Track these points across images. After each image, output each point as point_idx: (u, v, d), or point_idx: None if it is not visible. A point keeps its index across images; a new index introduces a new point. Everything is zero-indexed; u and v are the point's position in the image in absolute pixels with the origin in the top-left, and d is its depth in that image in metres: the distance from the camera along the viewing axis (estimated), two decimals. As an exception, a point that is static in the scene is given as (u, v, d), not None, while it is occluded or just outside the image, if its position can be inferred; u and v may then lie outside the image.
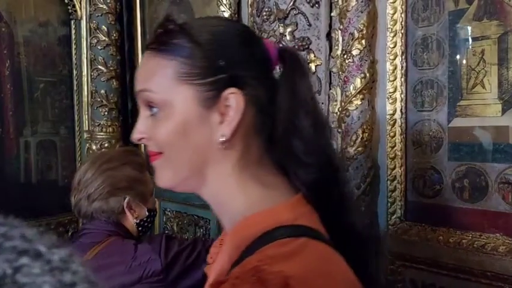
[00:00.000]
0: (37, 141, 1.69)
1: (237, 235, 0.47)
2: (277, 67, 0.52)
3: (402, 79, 1.06)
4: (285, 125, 0.48)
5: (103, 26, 1.77)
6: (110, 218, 1.02)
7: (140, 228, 1.07)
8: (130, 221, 1.04)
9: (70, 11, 1.79)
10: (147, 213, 1.07)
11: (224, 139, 0.47)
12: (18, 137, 1.64)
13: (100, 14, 1.77)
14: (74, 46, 1.80)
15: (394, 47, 1.07)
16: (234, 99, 0.46)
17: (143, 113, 0.50)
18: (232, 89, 0.46)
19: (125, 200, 1.02)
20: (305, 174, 0.48)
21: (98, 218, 1.02)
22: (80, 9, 1.80)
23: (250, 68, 0.48)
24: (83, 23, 1.81)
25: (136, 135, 0.51)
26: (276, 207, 0.46)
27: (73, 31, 1.80)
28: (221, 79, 0.47)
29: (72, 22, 1.80)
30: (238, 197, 0.48)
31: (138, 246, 0.98)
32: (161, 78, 0.48)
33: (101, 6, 1.77)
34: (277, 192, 0.48)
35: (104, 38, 1.76)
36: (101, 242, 0.98)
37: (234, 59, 0.48)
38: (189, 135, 0.47)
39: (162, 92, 0.47)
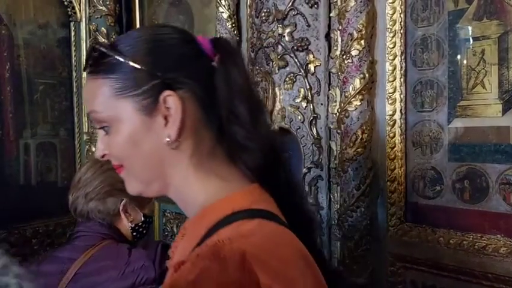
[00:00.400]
0: (37, 143, 1.69)
1: (196, 224, 0.50)
2: (216, 59, 0.53)
3: (402, 79, 1.06)
4: (224, 113, 0.50)
5: (102, 28, 1.77)
6: (104, 220, 1.01)
7: (134, 234, 1.06)
8: (125, 224, 1.04)
9: (70, 13, 1.79)
10: (143, 219, 1.06)
11: (170, 139, 0.49)
12: (18, 139, 1.64)
13: (99, 16, 1.77)
14: (73, 48, 1.80)
15: (393, 47, 1.06)
16: (171, 101, 0.49)
17: (100, 132, 0.54)
18: (167, 92, 0.49)
19: (122, 202, 1.01)
20: (250, 159, 0.51)
21: (93, 219, 1.01)
22: (80, 11, 1.80)
23: (182, 68, 0.50)
24: (83, 25, 1.81)
25: (98, 153, 0.54)
26: (232, 195, 0.50)
27: (73, 33, 1.80)
28: (155, 85, 0.49)
29: (71, 24, 1.80)
30: (197, 191, 0.51)
31: (132, 251, 0.97)
32: (101, 98, 0.51)
33: (101, 8, 1.77)
34: (233, 183, 0.51)
35: (103, 39, 1.76)
36: (95, 245, 0.98)
37: (164, 64, 0.50)
38: (139, 144, 0.50)
39: (105, 110, 0.51)
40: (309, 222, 0.56)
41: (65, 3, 1.77)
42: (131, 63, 0.49)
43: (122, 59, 0.49)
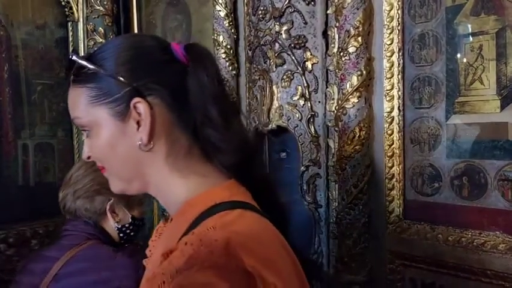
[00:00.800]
0: (35, 143, 1.69)
1: (180, 217, 0.54)
2: (188, 65, 0.56)
3: (400, 76, 1.05)
4: (198, 117, 0.54)
5: (100, 28, 1.77)
6: (90, 219, 1.00)
7: (121, 235, 1.04)
8: (111, 224, 1.02)
9: (67, 13, 1.78)
10: (130, 220, 1.04)
11: (142, 142, 0.53)
12: (16, 140, 1.64)
13: (96, 16, 1.77)
14: (71, 48, 1.80)
15: (391, 44, 1.06)
16: (140, 107, 0.53)
17: (85, 136, 0.59)
18: (136, 99, 0.53)
19: (109, 202, 1.00)
20: (224, 159, 0.54)
21: (79, 217, 1.01)
22: (77, 11, 1.79)
23: (153, 75, 0.54)
24: (80, 25, 1.81)
25: (83, 155, 0.59)
26: (213, 189, 0.54)
27: (70, 33, 1.80)
28: (126, 92, 0.53)
29: (69, 24, 1.80)
30: (178, 188, 0.55)
31: (118, 256, 0.95)
32: (80, 106, 0.55)
33: (98, 8, 1.77)
34: (211, 179, 0.55)
35: (101, 39, 1.76)
36: (79, 245, 0.96)
37: (135, 72, 0.54)
38: (116, 147, 0.55)
39: (85, 116, 0.55)
40: (282, 214, 0.59)
41: (63, 3, 1.77)
42: (105, 73, 0.53)
43: (96, 70, 0.54)
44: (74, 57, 0.55)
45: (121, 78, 0.53)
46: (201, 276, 0.38)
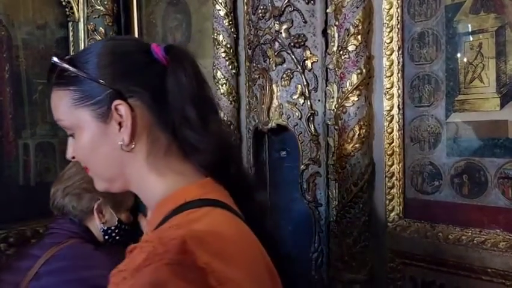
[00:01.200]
0: (36, 143, 1.69)
1: (155, 214, 0.55)
2: (167, 66, 0.57)
3: (399, 74, 1.05)
4: (176, 118, 0.55)
5: (101, 28, 1.77)
6: (76, 217, 1.00)
7: (106, 237, 1.03)
8: (96, 224, 1.01)
9: (68, 13, 1.79)
10: (117, 223, 1.04)
11: (123, 143, 0.55)
12: (17, 140, 1.64)
13: (97, 16, 1.77)
14: (72, 48, 1.80)
15: (390, 42, 1.06)
16: (121, 109, 0.54)
17: (69, 137, 0.60)
18: (117, 101, 0.54)
19: (97, 202, 1.00)
20: (201, 158, 0.56)
21: (66, 214, 1.00)
22: (78, 11, 1.80)
23: (133, 77, 0.55)
24: (81, 25, 1.81)
25: (67, 155, 0.61)
26: (187, 187, 0.55)
27: (71, 33, 1.80)
28: (107, 95, 0.54)
29: (70, 24, 1.80)
30: (155, 185, 0.56)
31: (95, 255, 0.94)
32: (63, 108, 0.57)
33: (99, 8, 1.77)
34: (188, 177, 0.56)
35: (101, 39, 1.77)
36: (60, 243, 0.95)
37: (116, 74, 0.55)
38: (98, 148, 0.56)
39: (68, 118, 0.57)
40: (261, 210, 0.61)
41: (63, 3, 1.77)
42: (87, 77, 0.55)
43: (78, 73, 0.55)
44: (55, 61, 0.56)
45: (102, 81, 0.54)
46: (157, 274, 0.39)
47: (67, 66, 0.55)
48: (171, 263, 0.40)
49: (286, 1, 1.16)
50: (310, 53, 1.16)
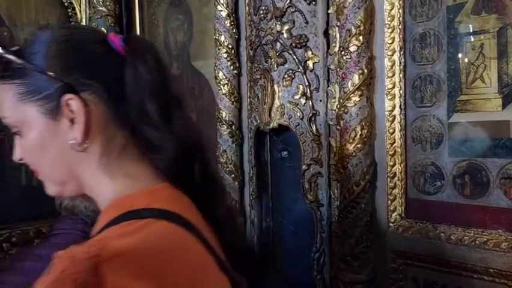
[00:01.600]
0: (38, 143, 1.70)
1: (98, 222, 0.51)
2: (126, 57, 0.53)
3: (401, 75, 1.05)
4: (133, 113, 0.50)
5: (103, 28, 1.77)
6: (89, 217, 1.00)
7: None
8: None
9: (70, 13, 1.80)
10: None
11: (76, 142, 0.50)
12: (20, 140, 1.65)
13: (99, 16, 1.78)
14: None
15: (392, 42, 1.06)
16: (73, 104, 0.49)
17: (16, 137, 0.54)
18: (68, 96, 0.49)
19: None
20: (159, 159, 0.51)
21: (77, 214, 1.00)
22: (80, 11, 1.81)
23: (87, 69, 0.50)
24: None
25: (15, 156, 0.55)
26: (135, 194, 0.50)
27: (73, 34, 1.81)
28: (58, 88, 0.49)
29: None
30: (106, 189, 0.52)
31: None
32: (7, 103, 0.51)
33: (101, 8, 1.78)
34: (142, 182, 0.51)
35: (103, 40, 1.77)
36: (68, 244, 0.95)
37: (67, 66, 0.50)
38: (46, 147, 0.51)
39: (13, 115, 0.51)
40: (228, 215, 0.56)
41: (66, 4, 1.78)
42: (34, 69, 0.49)
43: (25, 65, 0.50)
44: (1, 52, 0.50)
45: (51, 74, 0.49)
46: None
47: (12, 57, 0.49)
48: (78, 284, 0.36)
49: (287, 2, 1.16)
50: (312, 54, 1.16)
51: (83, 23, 1.81)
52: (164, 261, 0.43)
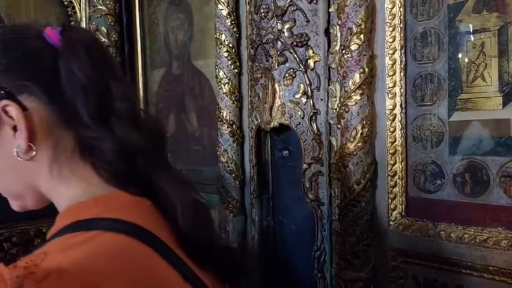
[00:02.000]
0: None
1: (50, 231, 0.47)
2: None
3: (402, 74, 1.05)
4: (67, 111, 0.46)
5: (103, 28, 1.78)
6: None
7: None
8: None
9: (70, 12, 1.79)
10: None
11: (20, 150, 0.46)
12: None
13: (99, 16, 1.78)
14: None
15: (393, 41, 1.06)
16: (11, 110, 0.45)
17: None
18: (4, 102, 0.45)
19: None
20: (101, 162, 0.47)
21: None
22: (80, 10, 1.80)
23: (22, 70, 0.47)
24: (83, 24, 1.82)
25: None
26: (86, 202, 0.46)
27: (73, 33, 1.81)
28: None
29: (72, 24, 1.81)
30: (64, 195, 0.48)
31: None
32: None
33: (101, 7, 1.78)
34: (96, 186, 0.48)
35: (103, 39, 1.77)
36: None
37: (0, 70, 0.46)
38: None
39: None
40: (196, 210, 0.51)
41: (65, 3, 1.78)
42: None
43: None
44: None
45: None
46: None
47: None
48: None
49: (288, 0, 1.16)
50: (313, 52, 1.16)
51: (83, 22, 1.81)
52: (109, 279, 0.39)
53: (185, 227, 0.48)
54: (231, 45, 1.41)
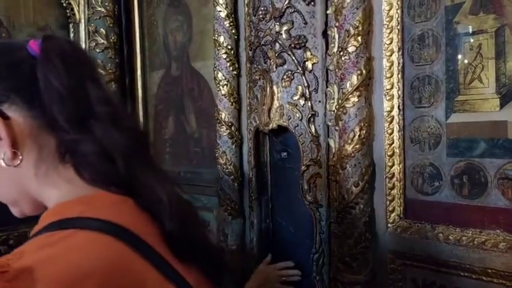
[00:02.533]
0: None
1: (34, 229, 0.49)
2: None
3: (399, 75, 1.05)
4: (47, 117, 0.49)
5: (102, 29, 1.78)
6: None
7: None
8: None
9: (69, 14, 1.80)
10: None
11: (4, 158, 0.48)
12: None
13: (98, 17, 1.78)
14: (73, 49, 1.81)
15: (390, 43, 1.06)
16: None
17: None
18: None
19: None
20: (83, 164, 0.49)
21: None
22: (79, 12, 1.81)
23: (2, 82, 0.49)
24: (82, 26, 1.82)
25: None
26: (69, 201, 0.48)
27: (72, 34, 1.81)
28: None
29: (70, 26, 1.81)
30: (53, 198, 0.50)
31: None
32: None
33: (100, 9, 1.78)
34: (82, 188, 0.49)
35: (102, 41, 1.77)
36: None
37: None
38: None
39: None
40: (185, 206, 0.52)
41: (64, 4, 1.78)
42: None
43: None
44: None
45: None
46: None
47: None
48: None
49: (286, 2, 1.16)
50: (311, 54, 1.16)
51: (82, 24, 1.82)
52: (82, 276, 0.39)
53: (170, 226, 0.48)
54: (229, 47, 1.41)
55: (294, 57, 1.17)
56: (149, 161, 0.54)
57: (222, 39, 1.40)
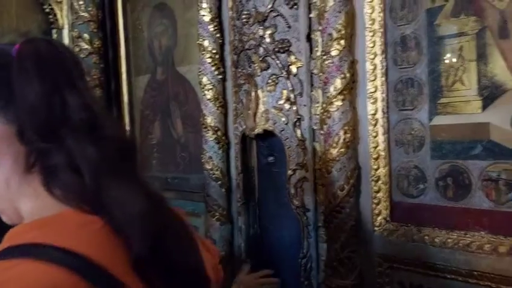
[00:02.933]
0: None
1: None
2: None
3: (383, 78, 1.05)
4: (19, 125, 0.47)
5: (85, 34, 1.75)
6: None
7: None
8: None
9: (51, 20, 1.77)
10: None
11: None
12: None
13: (81, 22, 1.75)
14: (56, 55, 1.78)
15: (373, 46, 1.06)
16: None
17: None
18: None
19: None
20: (51, 177, 0.47)
21: None
22: (62, 17, 1.78)
23: None
24: (65, 31, 1.80)
25: None
26: (28, 224, 0.46)
27: (55, 40, 1.78)
28: None
29: (53, 31, 1.78)
30: (24, 211, 0.49)
31: None
32: None
33: (83, 14, 1.75)
34: (43, 204, 0.47)
35: (86, 46, 1.75)
36: None
37: None
38: None
39: None
40: (162, 226, 0.48)
41: (47, 10, 1.76)
42: None
43: None
44: None
45: None
46: None
47: None
48: None
49: (269, 6, 1.15)
50: (295, 58, 1.16)
51: (65, 30, 1.79)
52: None
53: (140, 248, 0.44)
54: (214, 51, 1.39)
55: (278, 61, 1.16)
56: (129, 172, 0.50)
57: (206, 43, 1.39)
